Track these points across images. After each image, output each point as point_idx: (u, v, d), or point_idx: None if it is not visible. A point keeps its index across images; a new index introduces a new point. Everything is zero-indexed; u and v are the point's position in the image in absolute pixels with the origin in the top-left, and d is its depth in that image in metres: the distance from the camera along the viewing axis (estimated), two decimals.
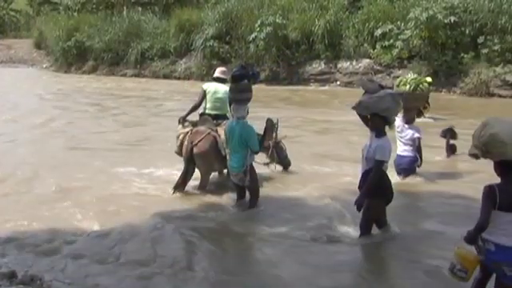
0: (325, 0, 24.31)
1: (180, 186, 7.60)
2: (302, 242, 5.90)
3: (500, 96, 18.07)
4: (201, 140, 7.43)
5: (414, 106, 6.06)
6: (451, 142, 8.85)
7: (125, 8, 33.10)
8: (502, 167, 3.93)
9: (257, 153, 6.95)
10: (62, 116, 16.00)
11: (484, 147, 3.87)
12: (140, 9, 33.12)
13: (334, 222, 6.39)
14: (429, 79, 13.56)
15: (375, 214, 5.61)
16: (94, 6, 36.42)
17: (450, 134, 8.37)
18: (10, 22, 58.10)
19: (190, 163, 7.58)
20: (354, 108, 5.55)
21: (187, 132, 7.75)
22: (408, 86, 6.52)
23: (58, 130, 13.63)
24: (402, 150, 7.62)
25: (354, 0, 23.98)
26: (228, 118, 7.82)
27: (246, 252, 5.73)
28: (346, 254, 5.61)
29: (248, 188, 6.98)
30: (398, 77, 20.63)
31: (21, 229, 6.48)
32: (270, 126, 6.99)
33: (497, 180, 3.98)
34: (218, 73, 8.36)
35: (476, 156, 3.99)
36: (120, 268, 5.43)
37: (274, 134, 6.98)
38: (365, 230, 5.68)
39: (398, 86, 7.65)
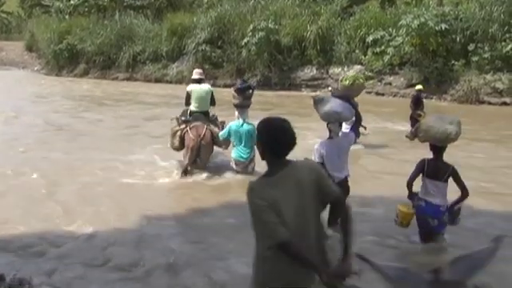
0: (317, 6, 24.43)
1: (190, 169, 8.83)
2: None
3: (490, 103, 18.21)
4: (205, 133, 8.84)
5: (352, 95, 7.86)
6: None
7: (117, 11, 33.00)
8: (431, 148, 5.48)
9: None
10: (48, 118, 15.91)
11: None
12: (132, 12, 33.03)
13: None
14: (419, 86, 13.77)
15: None
16: (86, 9, 36.27)
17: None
18: (1, 24, 57.94)
19: (198, 152, 8.81)
20: None
21: (183, 128, 8.98)
22: (347, 82, 8.22)
23: (43, 131, 13.61)
24: (344, 128, 8.59)
25: (346, 6, 24.11)
26: (209, 114, 9.45)
27: (234, 258, 5.70)
28: None
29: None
30: (389, 83, 21.22)
31: (8, 231, 6.43)
32: None
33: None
34: (197, 75, 9.55)
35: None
36: (109, 272, 5.40)
37: None
38: None
39: (341, 81, 9.19)
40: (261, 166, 9.48)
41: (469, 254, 2.33)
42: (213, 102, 9.47)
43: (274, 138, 3.10)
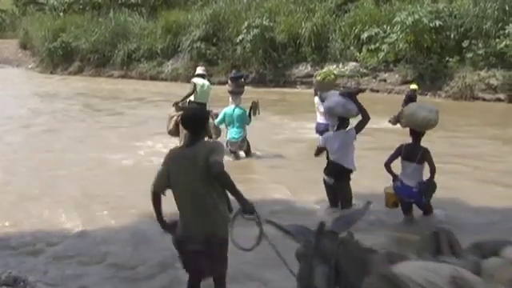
0: (312, 3, 24.39)
1: None
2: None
3: (484, 100, 18.24)
4: None
5: (324, 89, 8.28)
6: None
7: (111, 9, 32.86)
8: (411, 133, 6.21)
9: (248, 123, 9.75)
10: (36, 116, 15.88)
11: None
12: (127, 10, 32.90)
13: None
14: (414, 86, 13.80)
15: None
16: (81, 7, 36.08)
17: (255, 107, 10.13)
18: None
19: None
20: None
21: (179, 114, 9.37)
22: (319, 77, 8.95)
23: (32, 128, 13.63)
24: (318, 118, 9.53)
25: (340, 3, 24.07)
26: (205, 106, 10.22)
27: (231, 254, 5.70)
28: None
29: (244, 152, 9.93)
30: (384, 80, 21.24)
31: (2, 229, 6.42)
32: (255, 105, 9.80)
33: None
34: (201, 70, 10.89)
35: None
36: (105, 270, 5.40)
37: (257, 111, 9.91)
38: None
39: (315, 77, 10.14)
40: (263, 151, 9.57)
41: (348, 213, 3.23)
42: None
43: (184, 122, 4.16)
